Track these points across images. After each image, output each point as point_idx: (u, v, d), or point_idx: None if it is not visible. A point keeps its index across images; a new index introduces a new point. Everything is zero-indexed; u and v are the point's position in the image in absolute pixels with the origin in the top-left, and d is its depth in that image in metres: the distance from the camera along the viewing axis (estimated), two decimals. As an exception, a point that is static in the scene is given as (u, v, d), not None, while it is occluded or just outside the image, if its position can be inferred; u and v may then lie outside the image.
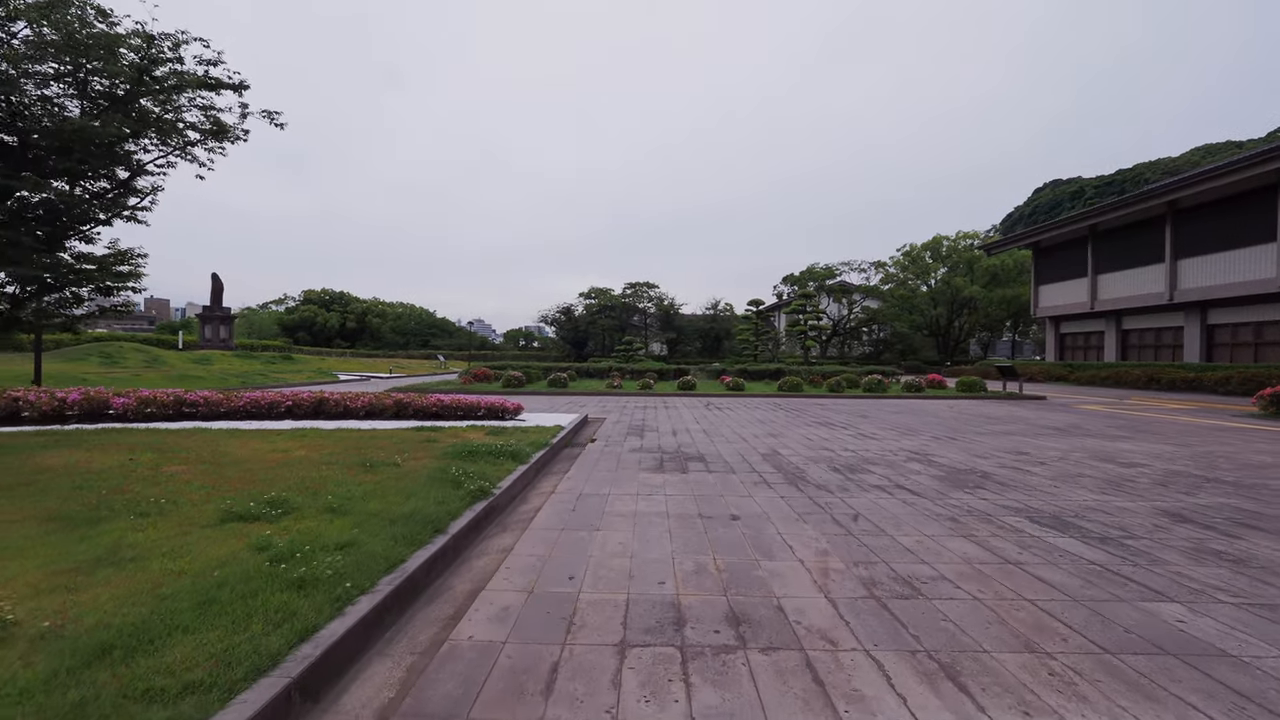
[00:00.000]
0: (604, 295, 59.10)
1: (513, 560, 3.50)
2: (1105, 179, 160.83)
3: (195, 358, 25.98)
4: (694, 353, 59.12)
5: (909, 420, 11.61)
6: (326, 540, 3.13)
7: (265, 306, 75.43)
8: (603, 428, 10.02)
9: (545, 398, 16.75)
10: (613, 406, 14.13)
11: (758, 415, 12.31)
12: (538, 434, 7.76)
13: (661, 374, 24.96)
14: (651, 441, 8.45)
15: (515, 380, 19.10)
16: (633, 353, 40.33)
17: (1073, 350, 36.72)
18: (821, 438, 8.97)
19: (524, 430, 7.98)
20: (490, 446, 6.05)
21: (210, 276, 32.37)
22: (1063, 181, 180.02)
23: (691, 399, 16.92)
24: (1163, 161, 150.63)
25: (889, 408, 14.49)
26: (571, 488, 5.48)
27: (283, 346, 39.44)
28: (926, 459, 7.15)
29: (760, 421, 11.12)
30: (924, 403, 16.12)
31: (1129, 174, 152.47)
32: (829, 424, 10.81)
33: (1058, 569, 3.42)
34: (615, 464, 6.68)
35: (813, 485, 5.63)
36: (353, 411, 8.37)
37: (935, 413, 13.25)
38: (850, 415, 12.49)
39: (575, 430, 9.24)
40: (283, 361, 29.39)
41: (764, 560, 3.53)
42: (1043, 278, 37.81)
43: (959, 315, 50.29)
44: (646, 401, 15.81)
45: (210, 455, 5.35)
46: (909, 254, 52.90)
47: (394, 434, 6.98)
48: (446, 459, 5.59)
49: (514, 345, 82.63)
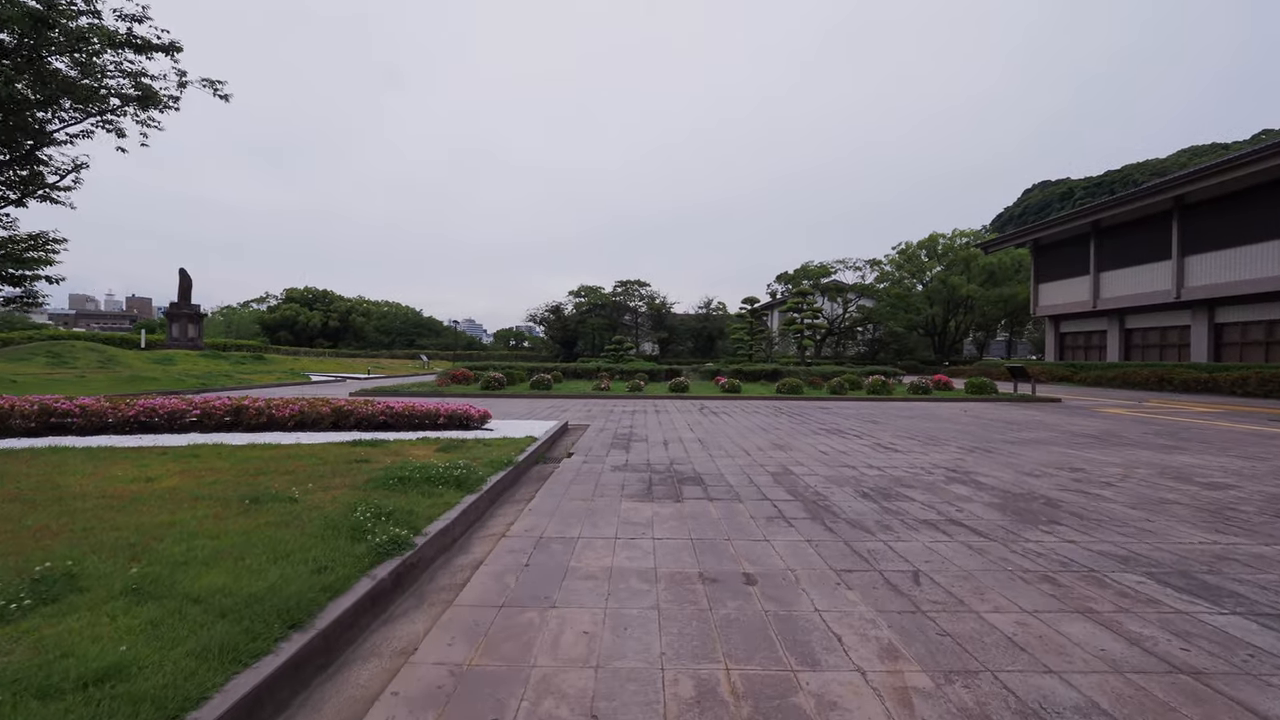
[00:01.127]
0: (594, 294, 57.77)
1: (407, 679, 2.22)
2: (1094, 180, 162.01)
3: (156, 358, 24.39)
4: (686, 352, 57.92)
5: (927, 427, 10.42)
6: (83, 662, 1.85)
7: (246, 305, 73.33)
8: (584, 437, 8.74)
9: (525, 401, 15.44)
10: (598, 411, 12.85)
11: (758, 421, 11.09)
12: (502, 449, 6.48)
13: (652, 375, 23.70)
14: (639, 456, 7.19)
15: (495, 382, 17.77)
16: (623, 352, 39.04)
17: (1073, 350, 35.90)
18: (837, 450, 7.74)
19: (486, 444, 6.69)
20: (433, 470, 4.76)
21: (178, 272, 30.70)
22: (1051, 183, 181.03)
23: (684, 402, 15.68)
24: (1151, 163, 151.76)
25: (899, 412, 13.32)
26: (531, 527, 4.20)
27: (257, 346, 37.74)
28: (970, 479, 5.94)
29: (762, 429, 9.88)
30: (934, 406, 14.98)
31: (1117, 175, 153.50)
32: (840, 431, 9.60)
33: (1267, 688, 2.19)
34: (593, 488, 5.41)
35: (844, 521, 4.39)
36: (279, 422, 7.03)
37: (951, 418, 12.09)
38: (860, 421, 11.29)
39: (551, 441, 7.96)
40: (253, 362, 27.82)
41: (804, 670, 2.27)
42: (1042, 276, 36.97)
43: (955, 314, 49.47)
44: (636, 405, 14.54)
45: (35, 488, 4.01)
46: (905, 252, 52.05)
47: (318, 452, 5.66)
48: (368, 489, 4.30)
49: (504, 345, 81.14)
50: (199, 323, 30.97)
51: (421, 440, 6.72)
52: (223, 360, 26.57)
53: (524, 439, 7.36)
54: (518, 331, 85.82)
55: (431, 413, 7.85)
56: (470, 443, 6.69)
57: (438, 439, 6.83)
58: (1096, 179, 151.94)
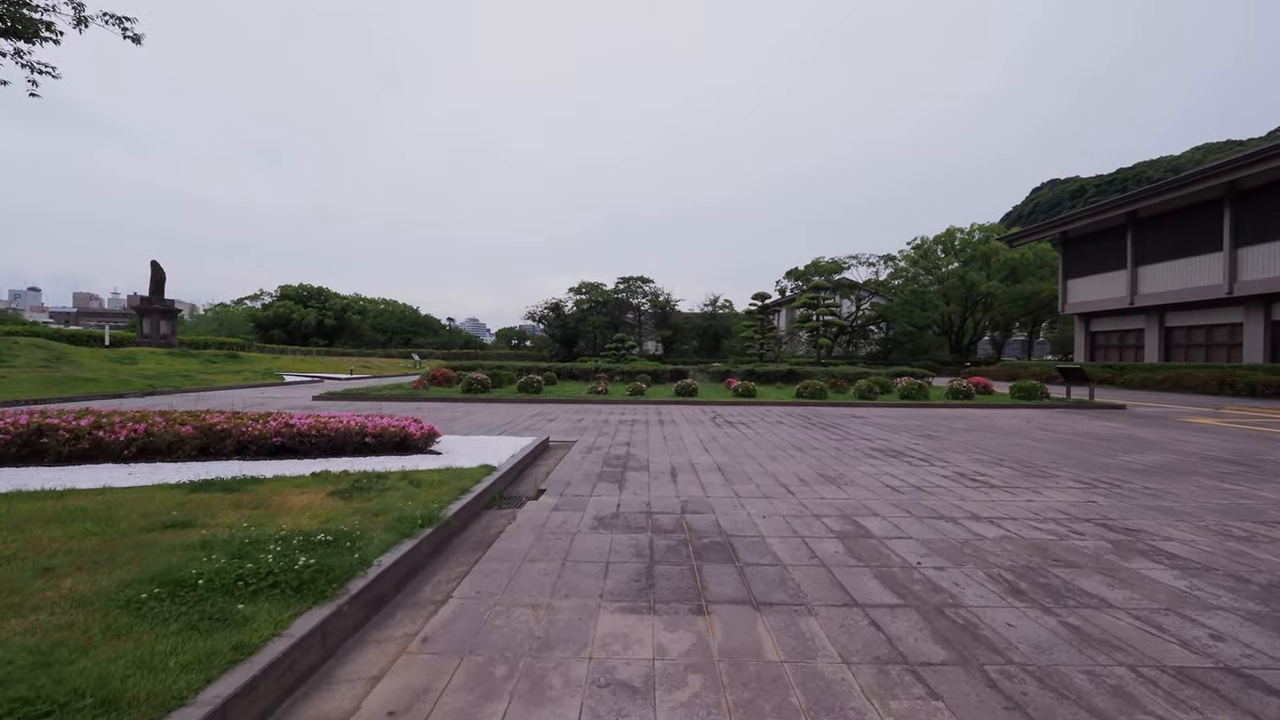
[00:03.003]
0: (595, 291, 55.65)
1: None
2: (1105, 178, 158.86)
3: (117, 356, 22.43)
4: (691, 352, 55.76)
5: (999, 444, 8.27)
6: None
7: (240, 302, 71.48)
8: (565, 462, 6.64)
9: (509, 407, 13.35)
10: (592, 421, 10.74)
11: (787, 435, 8.96)
12: (435, 489, 4.39)
13: (656, 376, 21.59)
14: (637, 496, 5.08)
15: (477, 384, 15.68)
16: (624, 352, 36.94)
17: (1105, 350, 33.60)
18: (910, 484, 5.61)
19: (416, 481, 4.60)
20: (289, 544, 2.68)
21: (149, 264, 28.74)
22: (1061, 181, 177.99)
23: (693, 408, 13.56)
24: (1164, 160, 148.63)
25: (949, 422, 11.16)
26: (410, 697, 2.09)
27: (235, 344, 35.75)
28: (1147, 546, 3.81)
29: (795, 447, 7.76)
30: (987, 414, 12.80)
31: (1130, 173, 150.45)
32: (897, 453, 7.46)
33: None
34: (557, 571, 3.30)
35: (1028, 676, 2.26)
36: (109, 449, 4.92)
37: (1018, 430, 9.93)
38: (912, 435, 9.15)
39: (518, 470, 5.87)
40: (226, 360, 25.84)
41: None
42: (1072, 271, 34.66)
43: (973, 313, 47.16)
44: (637, 413, 12.43)
45: None
46: (919, 247, 49.78)
47: (116, 507, 3.56)
48: (95, 612, 2.20)
49: (506, 344, 79.14)
50: (172, 319, 29.02)
51: (318, 477, 4.61)
52: (193, 359, 24.58)
53: (477, 469, 5.27)
54: (520, 331, 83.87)
55: (353, 431, 5.75)
56: (393, 479, 4.60)
57: (345, 473, 4.73)
58: (1108, 177, 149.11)
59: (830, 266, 47.46)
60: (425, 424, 6.25)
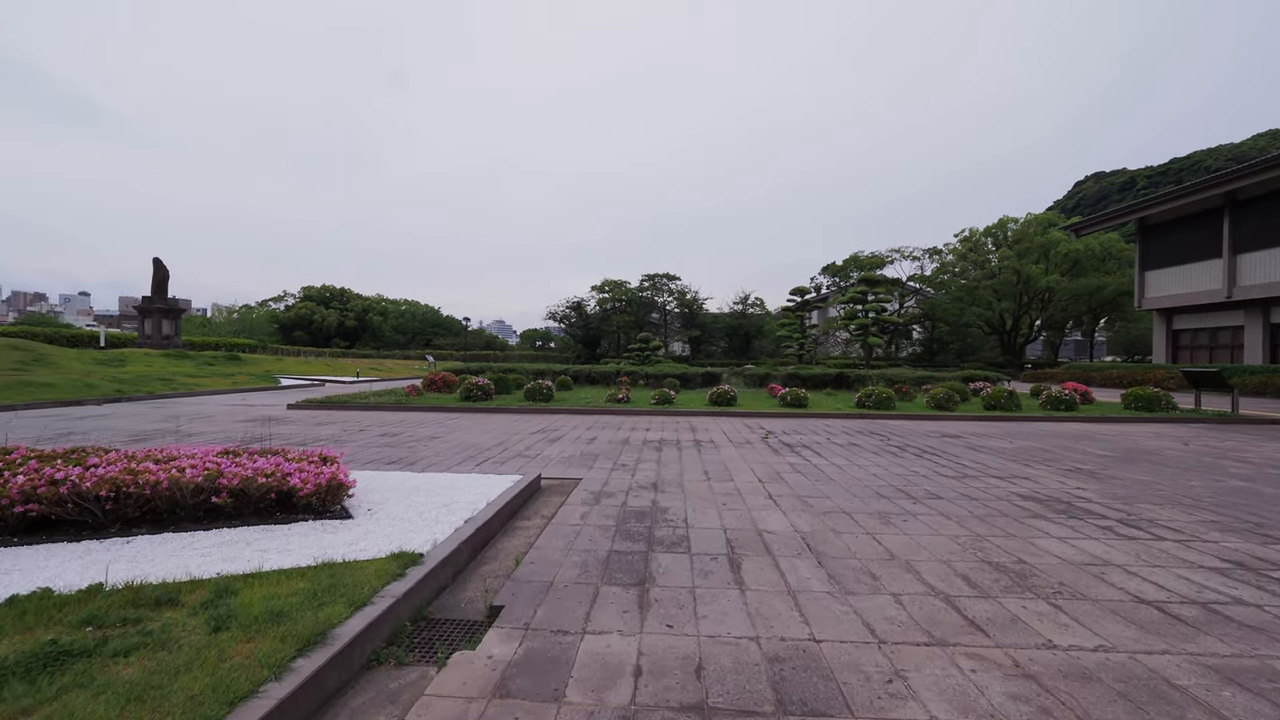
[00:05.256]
0: (618, 289, 53.26)
1: None
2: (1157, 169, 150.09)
3: (105, 358, 20.94)
4: (719, 353, 52.94)
5: (1206, 490, 5.53)
6: None
7: (264, 304, 71.31)
8: (552, 531, 4.18)
9: (509, 419, 11.01)
10: (607, 443, 8.29)
11: (876, 468, 6.36)
12: (248, 648, 2.00)
13: (685, 380, 19.07)
14: (674, 642, 2.60)
15: (477, 390, 13.40)
16: (650, 353, 34.38)
17: (1191, 350, 29.74)
18: (1176, 597, 2.99)
19: (219, 622, 2.22)
20: None
21: (152, 262, 27.43)
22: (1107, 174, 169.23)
23: (733, 422, 11.00)
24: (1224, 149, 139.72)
25: (1079, 444, 8.37)
26: None
27: (246, 345, 34.49)
28: None
29: (906, 494, 5.17)
30: (1115, 432, 9.92)
31: (1185, 162, 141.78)
32: (1066, 507, 4.81)
33: None
34: None
35: None
36: None
37: (1201, 463, 7.12)
38: (1053, 469, 6.45)
39: (468, 555, 3.44)
40: (225, 362, 24.27)
41: None
42: (1152, 261, 30.83)
43: (1030, 310, 43.24)
44: (664, 428, 9.94)
45: None
46: (968, 240, 46.04)
47: None
48: None
49: (530, 346, 77.60)
50: (175, 319, 27.67)
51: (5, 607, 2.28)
52: (188, 361, 23.02)
53: (384, 563, 2.89)
54: (543, 332, 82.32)
55: (186, 488, 3.39)
56: (180, 613, 2.23)
57: (76, 598, 2.38)
58: (1160, 168, 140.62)
59: (871, 261, 44.09)
60: (330, 469, 3.87)
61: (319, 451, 4.33)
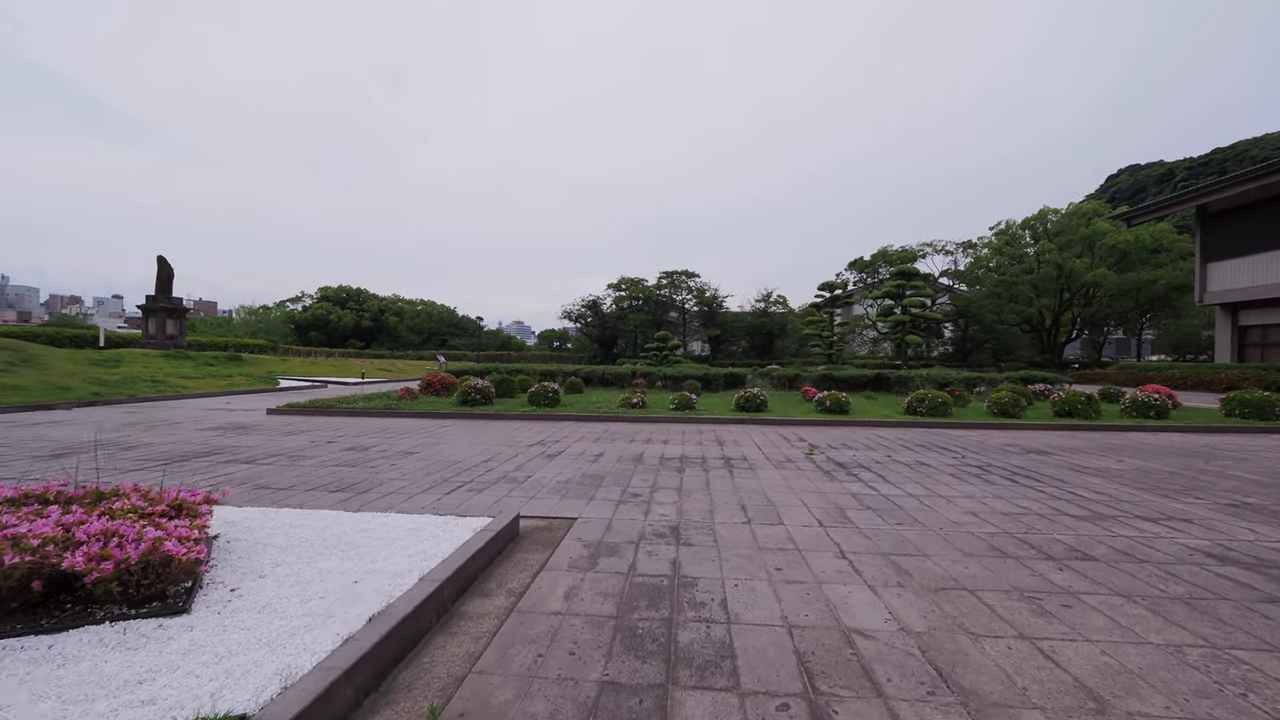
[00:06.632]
0: (635, 287, 51.77)
1: None
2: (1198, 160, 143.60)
3: (100, 358, 20.12)
4: (739, 353, 51.15)
5: None
6: None
7: (281, 305, 71.38)
8: (507, 635, 2.69)
9: (506, 428, 9.59)
10: (614, 460, 6.80)
11: (981, 505, 4.77)
12: None
13: (706, 381, 17.51)
14: None
15: (475, 394, 12.01)
16: (668, 352, 32.80)
17: (1261, 349, 27.19)
18: None
19: None
20: None
21: (156, 260, 26.72)
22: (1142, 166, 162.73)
23: (767, 432, 9.43)
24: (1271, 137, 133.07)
25: (1207, 460, 6.64)
26: None
27: (249, 345, 33.78)
28: None
29: (1044, 552, 3.58)
30: (1238, 444, 8.11)
31: (1229, 152, 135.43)
32: (1303, 578, 3.19)
33: None
34: None
35: None
36: None
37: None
38: (1207, 505, 4.79)
39: (347, 705, 1.97)
40: (226, 363, 23.40)
41: None
42: (1213, 253, 28.32)
43: (1072, 306, 40.67)
44: (686, 441, 8.42)
45: None
46: (1004, 233, 43.62)
47: None
48: None
49: (548, 346, 76.65)
50: (180, 318, 26.91)
51: None
52: (188, 361, 22.15)
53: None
54: (560, 332, 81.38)
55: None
56: None
57: None
58: (1201, 159, 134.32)
59: (901, 255, 41.90)
60: (157, 534, 2.42)
61: (176, 493, 2.91)
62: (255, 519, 3.80)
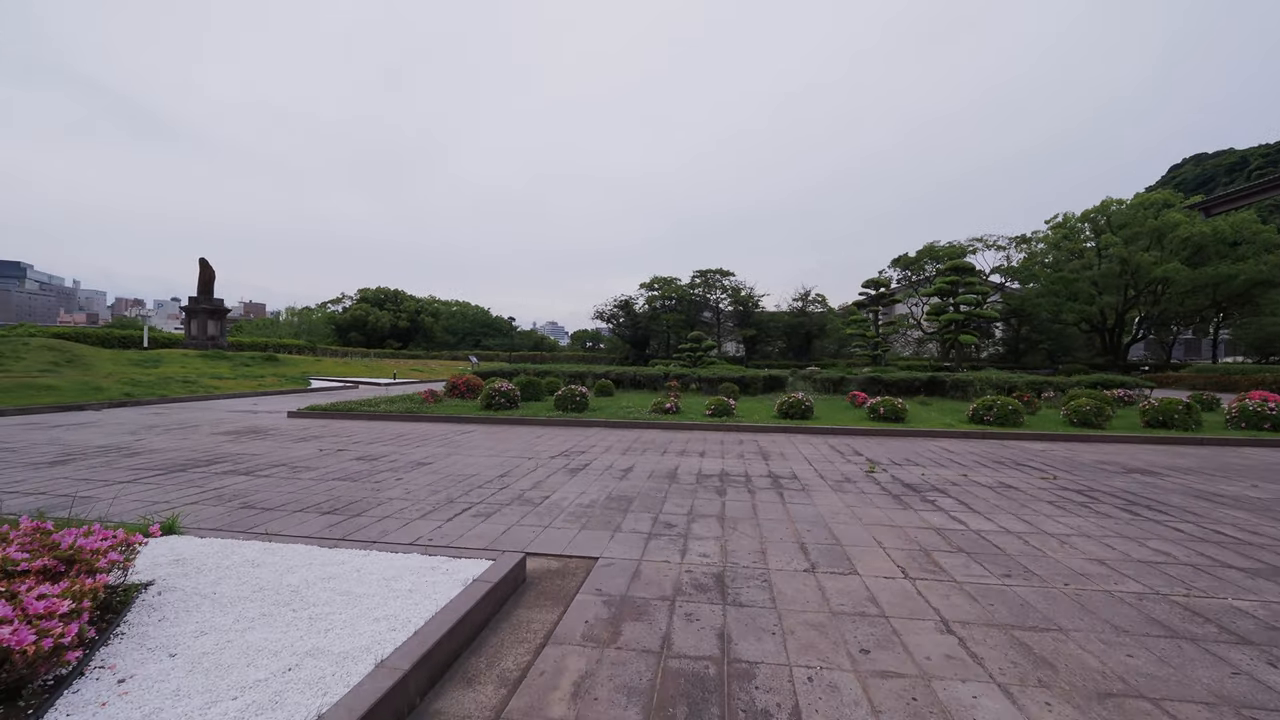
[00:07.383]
0: (668, 286, 50.87)
1: None
2: (1274, 146, 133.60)
3: (141, 358, 20.51)
4: (776, 354, 49.67)
5: None
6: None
7: (323, 306, 73.29)
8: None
9: (530, 434, 8.90)
10: (644, 476, 6.01)
11: (1104, 549, 3.77)
12: None
13: (743, 384, 16.55)
14: None
15: (500, 397, 11.41)
16: (702, 353, 31.82)
17: (1365, 349, 24.46)
18: None
19: None
20: None
21: (198, 262, 27.35)
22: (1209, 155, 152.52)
23: (815, 443, 8.47)
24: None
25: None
26: None
27: (287, 345, 34.32)
28: None
29: (1268, 654, 2.65)
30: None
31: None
32: None
33: None
34: None
35: None
36: None
37: None
38: None
39: None
40: (262, 364, 23.65)
41: None
42: (1308, 243, 25.63)
43: (1139, 304, 37.80)
44: (726, 454, 7.56)
45: None
46: (1060, 226, 40.99)
47: None
48: None
49: (581, 347, 76.57)
50: (221, 319, 27.45)
51: None
52: (225, 362, 22.46)
53: None
54: (593, 333, 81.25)
55: None
56: None
57: None
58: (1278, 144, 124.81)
59: (950, 251, 39.76)
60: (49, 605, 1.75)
61: (75, 538, 2.25)
62: (212, 555, 3.15)
